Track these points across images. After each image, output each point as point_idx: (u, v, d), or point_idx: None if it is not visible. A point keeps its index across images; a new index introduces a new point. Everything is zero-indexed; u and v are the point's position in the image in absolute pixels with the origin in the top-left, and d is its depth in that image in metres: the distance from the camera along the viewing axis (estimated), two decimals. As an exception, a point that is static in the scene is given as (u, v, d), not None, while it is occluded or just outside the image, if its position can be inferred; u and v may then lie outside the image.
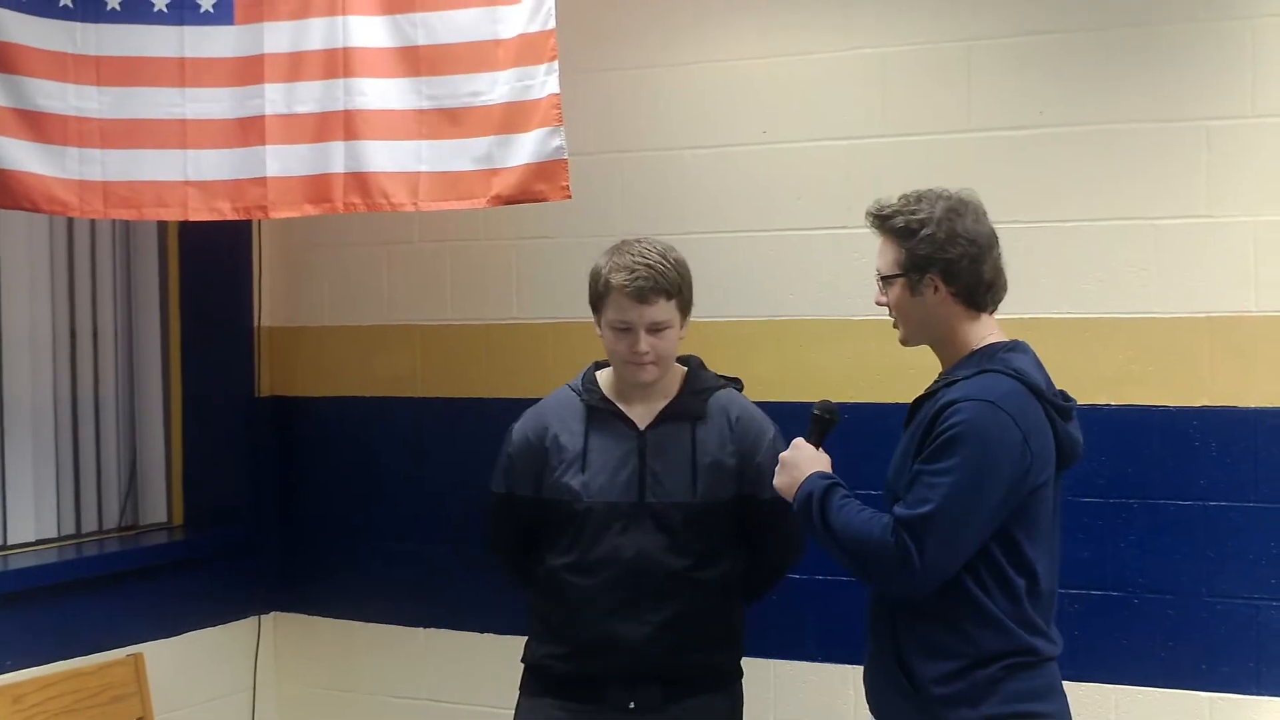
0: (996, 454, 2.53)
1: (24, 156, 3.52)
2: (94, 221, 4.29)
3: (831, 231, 3.90)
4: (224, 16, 3.74)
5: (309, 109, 3.72)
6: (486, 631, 4.31)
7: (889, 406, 3.37)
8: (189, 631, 4.32)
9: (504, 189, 3.62)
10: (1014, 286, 2.77)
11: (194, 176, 3.73)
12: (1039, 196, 3.70)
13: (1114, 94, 3.65)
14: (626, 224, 3.85)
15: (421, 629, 4.46)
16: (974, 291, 2.67)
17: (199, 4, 3.72)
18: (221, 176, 3.73)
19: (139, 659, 4.06)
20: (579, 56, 3.92)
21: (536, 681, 3.14)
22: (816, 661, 3.94)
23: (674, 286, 2.99)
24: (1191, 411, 3.59)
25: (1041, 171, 3.71)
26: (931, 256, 2.65)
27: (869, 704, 2.79)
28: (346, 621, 4.57)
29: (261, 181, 3.73)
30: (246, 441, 4.60)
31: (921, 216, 2.66)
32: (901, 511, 2.54)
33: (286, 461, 4.67)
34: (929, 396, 2.68)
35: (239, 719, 4.52)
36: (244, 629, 4.55)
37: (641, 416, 3.08)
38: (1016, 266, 2.78)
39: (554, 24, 3.57)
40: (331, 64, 3.71)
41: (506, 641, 3.19)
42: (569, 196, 3.57)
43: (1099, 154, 3.66)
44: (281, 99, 3.73)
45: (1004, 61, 3.75)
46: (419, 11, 3.68)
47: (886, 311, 2.78)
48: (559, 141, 3.54)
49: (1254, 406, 3.54)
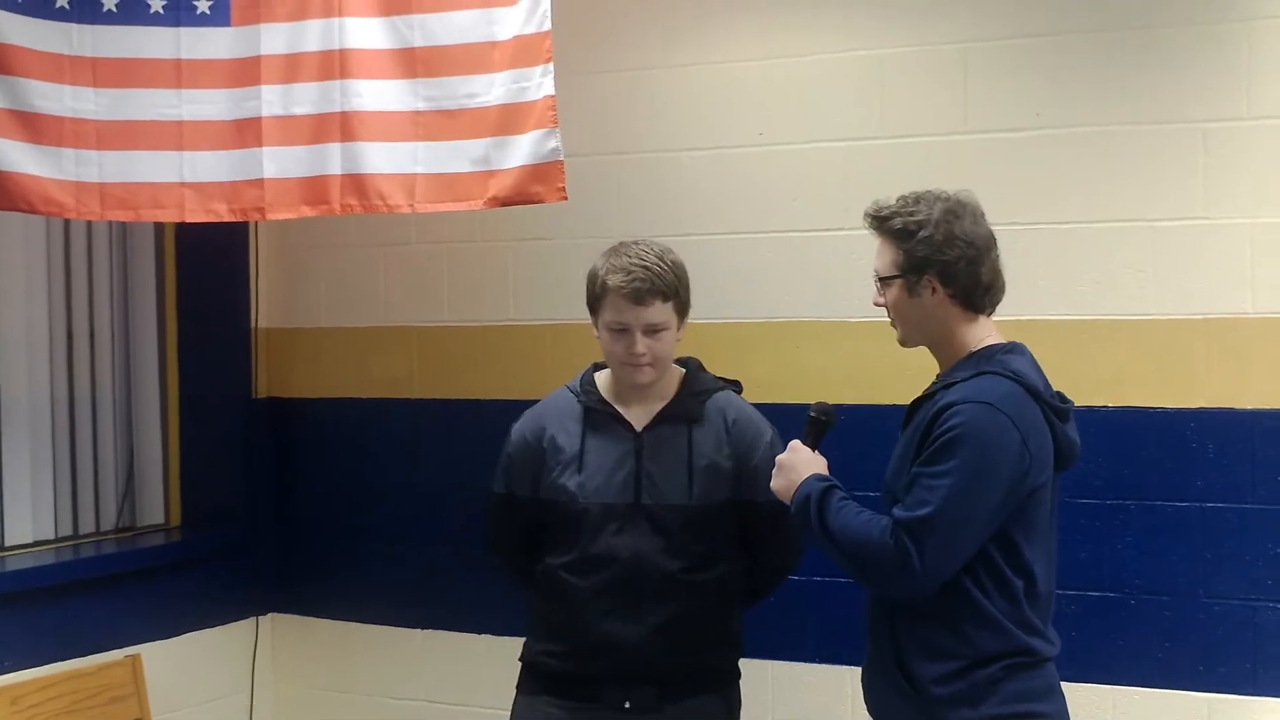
0: (995, 456, 2.53)
1: (20, 158, 3.52)
2: (91, 223, 4.29)
3: (829, 233, 3.90)
4: (220, 18, 3.73)
5: (305, 110, 3.72)
6: (484, 632, 4.31)
7: (887, 408, 3.37)
8: (187, 632, 4.32)
9: (500, 190, 3.62)
10: (1011, 288, 2.76)
11: (190, 178, 3.72)
12: (1036, 198, 3.70)
13: (1111, 96, 3.65)
14: (623, 226, 3.85)
15: (419, 630, 4.46)
16: (971, 293, 2.67)
17: (195, 6, 3.72)
18: (218, 178, 3.73)
19: (137, 660, 4.06)
20: (575, 58, 3.92)
21: (533, 679, 3.14)
22: (815, 663, 3.95)
23: (671, 288, 2.99)
24: (1188, 413, 3.59)
25: (1038, 173, 3.71)
26: (929, 258, 2.64)
27: (867, 705, 2.79)
28: (344, 622, 4.57)
29: (258, 183, 3.72)
30: (243, 443, 4.60)
31: (920, 218, 2.66)
32: (900, 513, 2.54)
33: (283, 462, 4.67)
34: (927, 398, 2.68)
35: (237, 720, 4.54)
36: (241, 630, 4.55)
37: (639, 418, 3.07)
38: (1014, 268, 2.78)
39: (550, 26, 3.56)
40: (328, 65, 3.71)
41: (504, 642, 3.20)
42: (565, 198, 3.57)
43: (1096, 156, 3.67)
44: (278, 100, 3.72)
45: (1001, 63, 3.76)
46: (415, 13, 3.68)
47: (884, 312, 2.78)
48: (555, 143, 3.54)
49: (1251, 408, 3.54)
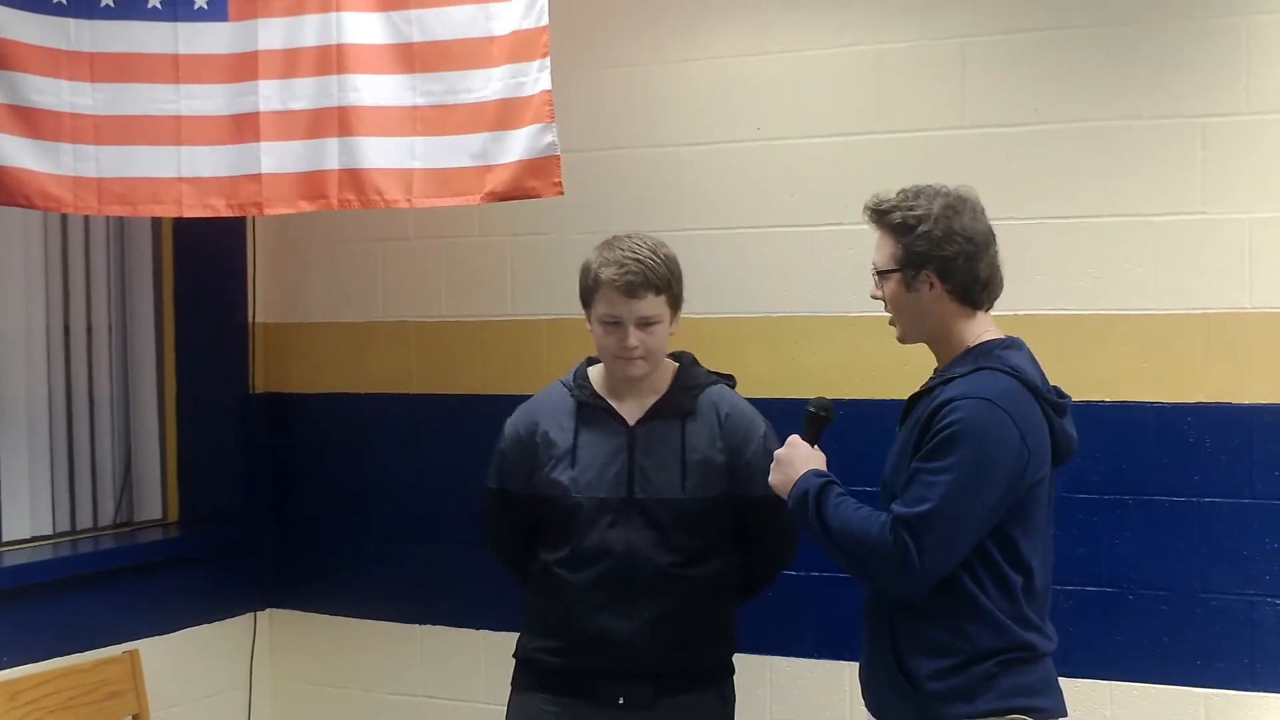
0: (994, 452, 2.53)
1: (18, 153, 3.51)
2: (88, 218, 4.29)
3: (826, 228, 3.89)
4: (218, 13, 3.73)
5: (303, 105, 3.72)
6: (482, 628, 4.31)
7: (885, 403, 3.38)
8: (185, 628, 4.32)
9: (498, 186, 3.62)
10: (1009, 283, 2.76)
11: (188, 173, 3.72)
12: (1033, 193, 3.70)
13: (1109, 91, 3.65)
14: (621, 221, 3.83)
15: (417, 625, 4.46)
16: (969, 289, 2.67)
17: (193, 1, 3.71)
18: (216, 173, 3.73)
19: (135, 656, 4.06)
20: (572, 54, 3.92)
21: (528, 675, 3.14)
22: (813, 658, 3.94)
23: (663, 281, 2.99)
24: (1186, 408, 3.59)
25: (1036, 169, 3.71)
26: (928, 253, 2.64)
27: (865, 700, 2.79)
28: (342, 618, 4.57)
29: (256, 178, 3.72)
30: (241, 438, 4.60)
31: (919, 213, 2.65)
32: (899, 509, 2.54)
33: (281, 458, 4.66)
34: (925, 393, 2.68)
35: (235, 715, 4.52)
36: (239, 625, 4.55)
37: (632, 412, 3.07)
38: (1011, 263, 2.78)
39: (547, 20, 3.56)
40: (325, 60, 3.71)
41: (502, 638, 3.19)
42: (561, 193, 3.57)
43: (1094, 151, 3.66)
44: (276, 95, 3.72)
45: (999, 59, 3.75)
46: (413, 8, 3.68)
47: (882, 306, 2.77)
48: (551, 138, 3.54)
49: (1249, 403, 3.54)
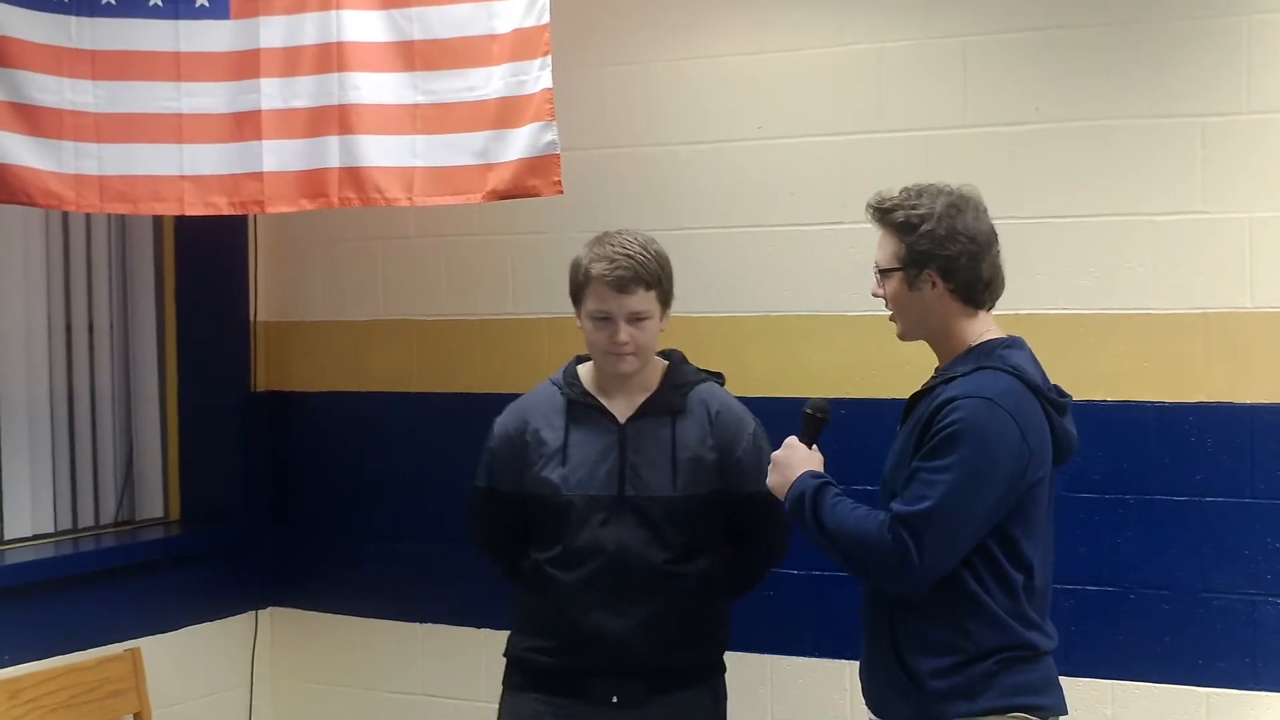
0: (995, 451, 2.53)
1: (20, 151, 3.51)
2: (89, 216, 4.29)
3: (827, 227, 3.89)
4: (219, 11, 3.73)
5: (304, 104, 3.72)
6: (483, 626, 4.31)
7: (885, 402, 3.38)
8: (186, 626, 4.32)
9: (498, 184, 3.62)
10: (1010, 282, 2.76)
11: (190, 171, 3.72)
12: (1034, 192, 3.69)
13: (1110, 90, 3.64)
14: (621, 220, 3.78)
15: (418, 624, 4.46)
16: (972, 289, 2.67)
17: (194, -2, 3.72)
18: (217, 171, 3.73)
19: (136, 654, 4.07)
20: (573, 52, 3.92)
21: (520, 675, 3.13)
22: (813, 657, 3.94)
23: (654, 277, 2.99)
24: (1187, 407, 3.59)
25: (1037, 167, 3.71)
26: (930, 253, 2.64)
27: (866, 699, 2.79)
28: (343, 617, 4.57)
29: (257, 176, 3.73)
30: (242, 436, 4.60)
31: (922, 212, 2.65)
32: (899, 508, 2.54)
33: (282, 457, 4.66)
34: (926, 393, 2.68)
35: (236, 714, 4.52)
36: (241, 624, 4.55)
37: (622, 410, 3.06)
38: (1012, 262, 2.78)
39: (548, 19, 3.57)
40: (326, 59, 3.71)
41: (502, 637, 3.19)
42: (561, 192, 3.57)
43: (1094, 150, 3.66)
44: (277, 94, 3.72)
45: (1000, 58, 3.75)
46: (414, 6, 3.68)
47: (883, 305, 2.77)
48: (551, 136, 3.54)
49: (1249, 402, 3.54)
